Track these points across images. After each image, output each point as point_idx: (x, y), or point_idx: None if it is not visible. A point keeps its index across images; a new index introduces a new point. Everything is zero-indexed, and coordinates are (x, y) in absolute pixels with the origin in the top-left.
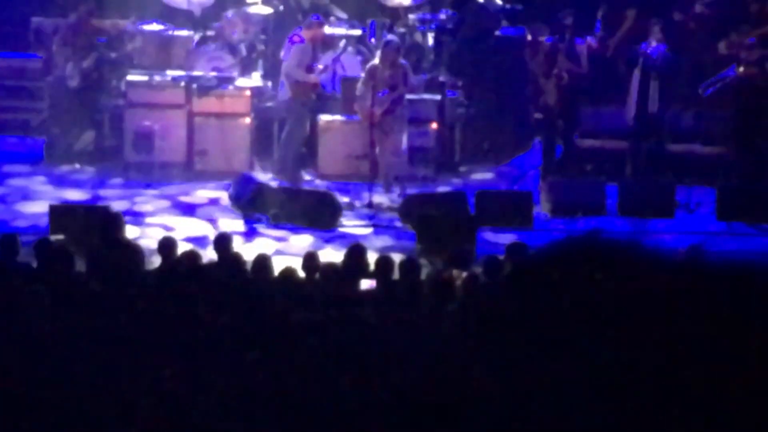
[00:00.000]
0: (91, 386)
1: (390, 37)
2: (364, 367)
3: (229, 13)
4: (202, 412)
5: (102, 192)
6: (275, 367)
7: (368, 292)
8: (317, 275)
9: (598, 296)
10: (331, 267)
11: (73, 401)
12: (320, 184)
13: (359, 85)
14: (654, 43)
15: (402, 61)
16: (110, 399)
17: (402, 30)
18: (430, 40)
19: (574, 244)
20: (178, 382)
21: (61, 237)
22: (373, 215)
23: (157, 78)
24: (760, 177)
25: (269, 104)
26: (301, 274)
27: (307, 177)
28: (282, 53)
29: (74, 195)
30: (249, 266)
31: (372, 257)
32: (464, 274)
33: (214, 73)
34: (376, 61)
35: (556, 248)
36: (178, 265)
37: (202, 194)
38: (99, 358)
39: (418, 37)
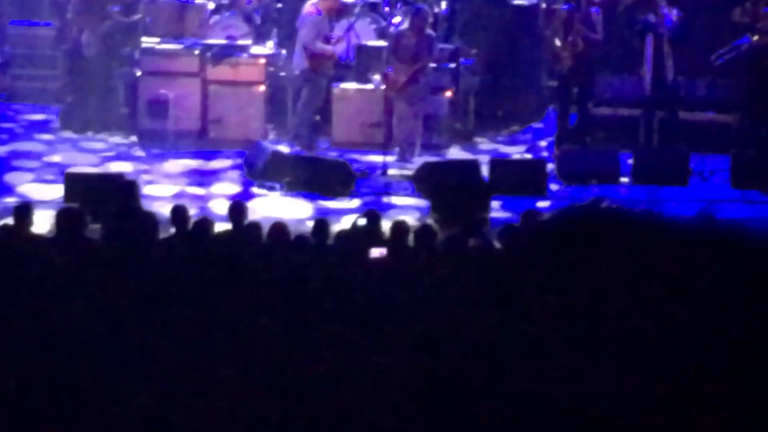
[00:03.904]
0: (103, 355)
1: (420, 5)
2: (378, 334)
3: None
4: (213, 379)
5: (117, 160)
6: (289, 334)
7: (383, 259)
8: (331, 242)
9: (599, 264)
10: (345, 234)
11: (85, 371)
12: (334, 152)
13: (385, 52)
14: (664, 11)
15: (429, 30)
16: (123, 369)
17: None
18: (444, 7)
19: (575, 212)
20: (196, 351)
21: (75, 204)
22: (387, 183)
23: (172, 46)
24: None
25: (283, 73)
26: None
27: (321, 145)
28: (298, 22)
29: (89, 163)
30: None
31: (386, 224)
32: (478, 242)
33: (230, 41)
34: (404, 27)
35: (558, 217)
36: (192, 233)
37: (216, 162)
38: (112, 326)
39: (432, 5)
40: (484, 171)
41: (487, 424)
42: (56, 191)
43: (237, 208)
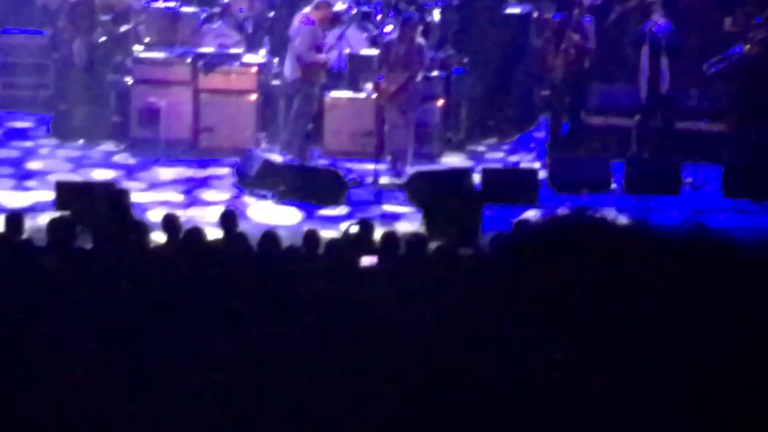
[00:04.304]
0: (94, 363)
1: (409, 14)
2: (368, 343)
3: None
4: (203, 386)
5: (108, 168)
6: (279, 343)
7: (373, 268)
8: (321, 251)
9: (582, 272)
10: (336, 243)
11: (75, 378)
12: (326, 161)
13: (375, 61)
14: (659, 21)
15: (419, 39)
16: (112, 376)
17: (408, 7)
18: (436, 16)
19: (560, 223)
20: (183, 356)
21: (66, 213)
22: (379, 192)
23: (164, 55)
24: (764, 155)
25: (276, 81)
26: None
27: (313, 154)
28: (291, 32)
29: (80, 171)
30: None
31: (378, 233)
32: (470, 251)
33: (222, 49)
34: (394, 36)
35: (543, 227)
36: (184, 242)
37: (208, 171)
38: (103, 335)
39: (424, 14)
40: (476, 180)
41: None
42: (47, 200)
43: (229, 217)
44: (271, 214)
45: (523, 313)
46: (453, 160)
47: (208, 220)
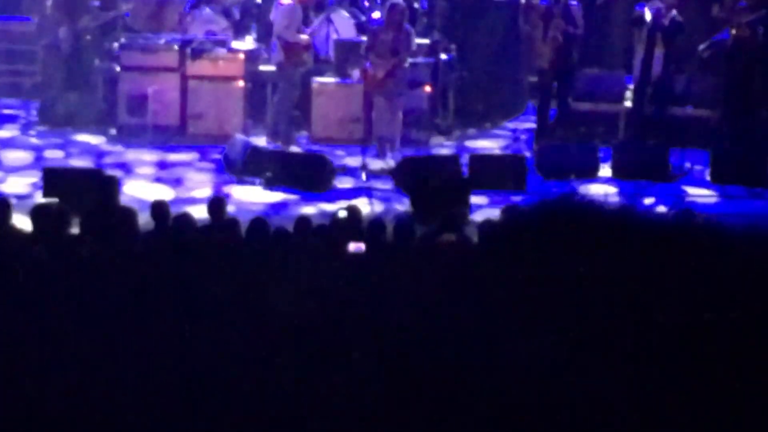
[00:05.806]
0: (85, 351)
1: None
2: (354, 330)
3: None
4: (193, 376)
5: (95, 155)
6: (267, 331)
7: (361, 255)
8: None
9: (570, 257)
10: (323, 229)
11: (67, 366)
12: (313, 147)
13: (363, 47)
14: (658, 6)
15: (406, 25)
16: (103, 364)
17: None
18: (424, 2)
19: (547, 208)
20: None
21: (54, 200)
22: (367, 178)
23: (151, 41)
24: (751, 140)
25: (267, 67)
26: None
27: (300, 140)
28: (271, 15)
29: (68, 158)
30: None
31: (365, 219)
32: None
33: (210, 36)
34: (381, 23)
35: (530, 212)
36: (172, 229)
37: (195, 158)
38: (92, 322)
39: None
40: (464, 166)
41: (467, 420)
42: (34, 186)
43: (216, 204)
44: (258, 200)
45: (510, 299)
46: (441, 146)
47: (196, 207)
